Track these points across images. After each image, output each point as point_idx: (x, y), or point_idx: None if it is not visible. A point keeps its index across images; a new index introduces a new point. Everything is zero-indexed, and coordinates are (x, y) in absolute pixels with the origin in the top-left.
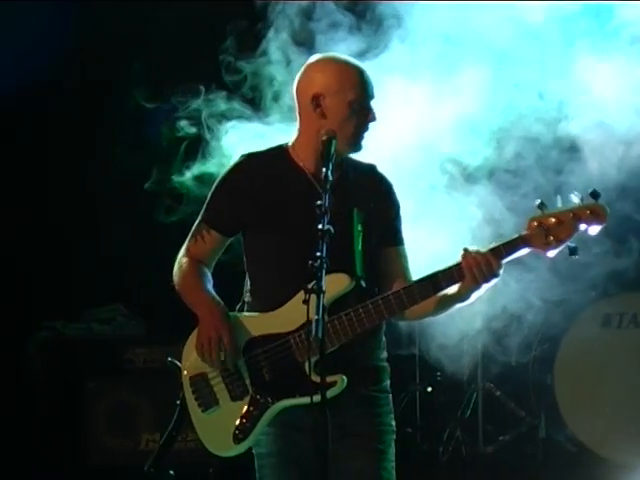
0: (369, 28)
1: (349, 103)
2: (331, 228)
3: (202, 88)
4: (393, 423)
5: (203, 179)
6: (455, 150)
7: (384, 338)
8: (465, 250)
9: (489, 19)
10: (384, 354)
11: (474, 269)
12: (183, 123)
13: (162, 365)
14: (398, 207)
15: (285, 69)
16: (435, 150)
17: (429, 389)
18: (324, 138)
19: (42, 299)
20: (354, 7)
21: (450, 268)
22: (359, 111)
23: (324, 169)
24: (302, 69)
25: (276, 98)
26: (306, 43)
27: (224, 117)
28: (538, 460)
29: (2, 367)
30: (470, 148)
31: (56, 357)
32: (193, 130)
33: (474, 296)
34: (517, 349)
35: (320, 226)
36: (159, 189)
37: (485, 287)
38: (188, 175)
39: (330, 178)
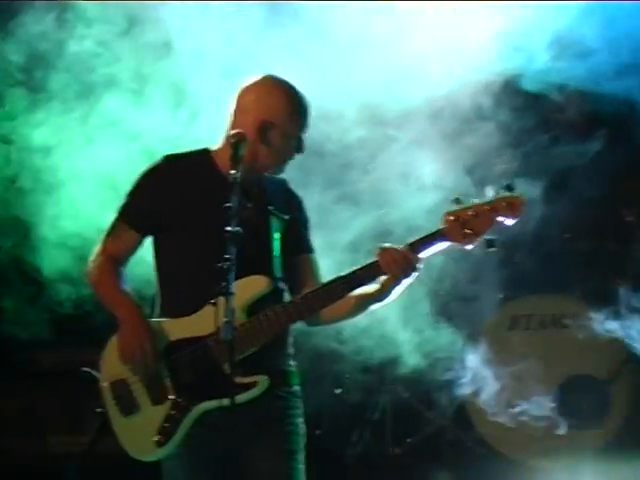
0: None
1: (292, 135)
2: (240, 230)
3: None
4: (304, 427)
5: None
6: None
7: (292, 342)
8: (380, 247)
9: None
10: (292, 359)
11: (392, 265)
12: None
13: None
14: (307, 219)
15: None
16: None
17: (337, 391)
18: (233, 140)
19: None
20: None
21: (368, 266)
22: (294, 143)
23: (232, 171)
24: (255, 84)
25: None
26: None
27: None
28: (446, 462)
29: None
30: None
31: None
32: None
33: (394, 293)
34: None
35: (229, 228)
36: None
37: (404, 283)
38: None
39: (238, 180)
